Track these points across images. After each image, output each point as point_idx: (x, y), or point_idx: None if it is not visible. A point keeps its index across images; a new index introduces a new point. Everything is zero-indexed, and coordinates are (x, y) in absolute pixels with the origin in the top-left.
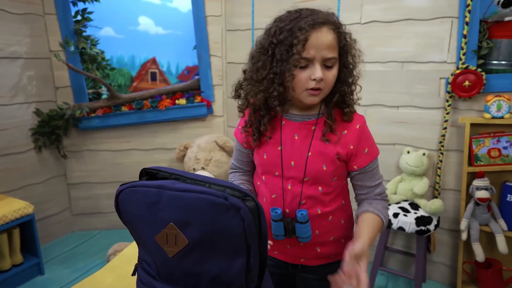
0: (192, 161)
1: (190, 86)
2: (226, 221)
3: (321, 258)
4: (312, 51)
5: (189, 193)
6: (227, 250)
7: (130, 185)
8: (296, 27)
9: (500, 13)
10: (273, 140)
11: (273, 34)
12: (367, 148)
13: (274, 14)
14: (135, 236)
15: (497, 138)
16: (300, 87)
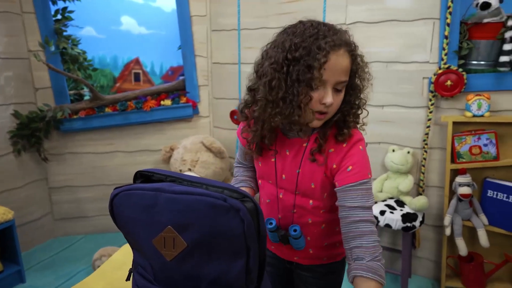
0: (179, 162)
1: (175, 87)
2: (225, 222)
3: (314, 259)
4: (328, 74)
5: (187, 196)
6: (226, 252)
7: (125, 188)
8: (314, 46)
9: (479, 15)
10: (268, 150)
11: (287, 49)
12: (352, 166)
13: (259, 14)
14: (131, 240)
15: (478, 136)
16: (310, 109)
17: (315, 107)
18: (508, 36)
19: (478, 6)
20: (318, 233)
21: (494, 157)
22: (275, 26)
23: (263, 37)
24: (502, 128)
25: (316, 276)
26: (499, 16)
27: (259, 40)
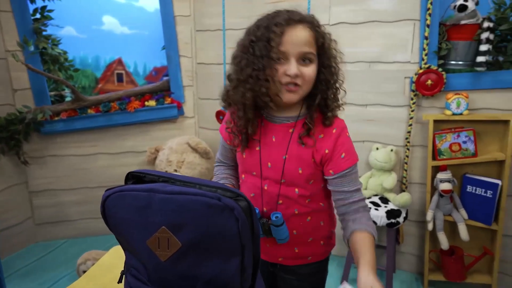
0: (164, 163)
1: (159, 87)
2: (220, 222)
3: (299, 259)
4: (288, 46)
5: (181, 196)
6: (221, 251)
7: (117, 189)
8: (272, 23)
9: (457, 17)
10: (253, 140)
11: (252, 32)
12: (344, 153)
13: (244, 14)
14: (123, 241)
15: (457, 133)
16: (278, 82)
17: (283, 79)
18: (484, 37)
19: (456, 8)
20: (303, 226)
21: (472, 153)
22: None
23: None
24: (480, 126)
25: (301, 278)
26: (475, 18)
27: None
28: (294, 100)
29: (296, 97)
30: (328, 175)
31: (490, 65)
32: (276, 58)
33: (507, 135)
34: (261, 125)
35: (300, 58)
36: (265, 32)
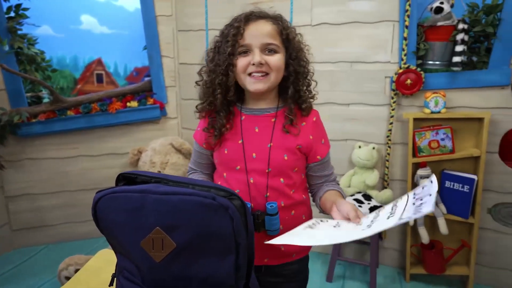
0: (148, 165)
1: (141, 88)
2: (214, 221)
3: (285, 257)
4: (249, 38)
5: (175, 196)
6: (216, 250)
7: (109, 191)
8: (235, 21)
9: (433, 19)
10: (234, 135)
11: (220, 33)
12: (323, 139)
13: (227, 14)
14: (115, 244)
15: (436, 131)
16: (242, 73)
17: (248, 69)
18: (459, 38)
19: (432, 10)
20: (288, 220)
21: (450, 150)
22: None
23: None
24: (457, 123)
25: (287, 279)
26: (450, 20)
27: None
28: (262, 88)
29: (264, 86)
30: (315, 161)
31: (465, 65)
32: (237, 53)
33: (482, 132)
34: (241, 119)
35: (264, 49)
36: (227, 29)
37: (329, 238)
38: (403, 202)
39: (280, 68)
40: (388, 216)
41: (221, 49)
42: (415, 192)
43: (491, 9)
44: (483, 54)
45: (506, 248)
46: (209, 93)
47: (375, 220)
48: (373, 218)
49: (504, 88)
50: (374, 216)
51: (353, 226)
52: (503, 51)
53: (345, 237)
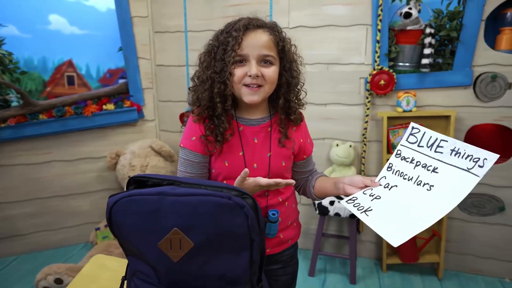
0: (127, 168)
1: (117, 90)
2: (230, 220)
3: (283, 243)
4: (247, 49)
5: (193, 197)
6: (231, 247)
7: (125, 194)
8: (233, 29)
9: (403, 23)
10: (233, 147)
11: (216, 38)
12: (309, 138)
13: (204, 16)
14: (129, 247)
15: None
16: (237, 83)
17: (244, 80)
18: (427, 41)
19: (402, 15)
20: (285, 212)
21: None
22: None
23: (209, 39)
24: (426, 121)
25: (284, 264)
26: (418, 24)
27: (204, 42)
28: (256, 100)
29: (259, 98)
30: (301, 160)
31: (432, 66)
32: (234, 62)
33: (449, 128)
34: (239, 130)
35: (260, 60)
36: (225, 37)
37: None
38: (412, 153)
39: (274, 81)
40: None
41: (217, 56)
42: (408, 140)
43: (454, 15)
44: (448, 56)
45: (471, 235)
46: (206, 100)
47: (417, 178)
48: (401, 177)
49: (467, 88)
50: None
51: (387, 191)
52: (465, 53)
53: (446, 204)
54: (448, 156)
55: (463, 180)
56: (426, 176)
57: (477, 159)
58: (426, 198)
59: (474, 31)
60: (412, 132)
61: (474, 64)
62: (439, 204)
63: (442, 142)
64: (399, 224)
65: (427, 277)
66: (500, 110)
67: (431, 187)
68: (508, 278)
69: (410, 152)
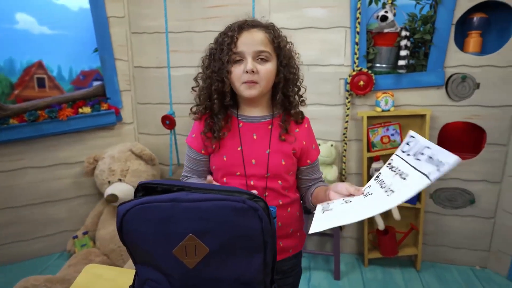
0: (106, 173)
1: (93, 93)
2: (245, 223)
3: (283, 252)
4: (242, 46)
5: (207, 202)
6: (245, 250)
7: (137, 202)
8: (229, 29)
9: (380, 26)
10: (232, 142)
11: (215, 40)
12: (314, 144)
13: (184, 17)
14: (140, 255)
15: (387, 127)
16: (237, 81)
17: (243, 77)
18: (403, 44)
19: (378, 18)
20: (286, 218)
21: (399, 144)
22: (201, 30)
23: (189, 40)
24: (403, 120)
25: (285, 275)
26: (394, 27)
27: (184, 43)
28: (253, 94)
29: (255, 92)
30: (305, 165)
31: (407, 67)
32: (232, 61)
33: (425, 127)
34: (239, 126)
35: (256, 57)
36: (222, 38)
37: (365, 211)
38: (400, 162)
39: (269, 78)
40: (403, 177)
41: (216, 57)
42: (402, 149)
43: (427, 19)
44: (422, 58)
45: (445, 227)
46: (205, 98)
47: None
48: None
49: (440, 88)
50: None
51: (363, 198)
52: (438, 55)
53: (382, 205)
54: (423, 163)
55: (416, 182)
56: (395, 183)
57: (441, 164)
58: (375, 201)
59: (445, 34)
60: (407, 141)
61: (446, 65)
62: (377, 203)
63: (425, 149)
64: (330, 216)
65: (406, 269)
66: (470, 108)
67: (392, 193)
68: (478, 266)
69: (398, 161)
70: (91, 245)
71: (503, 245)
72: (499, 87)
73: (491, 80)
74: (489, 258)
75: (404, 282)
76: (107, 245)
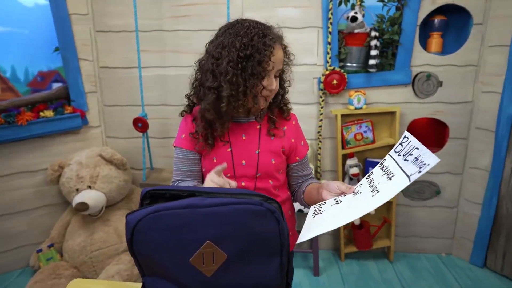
0: (74, 181)
1: (55, 95)
2: (262, 226)
3: None
4: (272, 65)
5: (224, 207)
6: (264, 254)
7: (150, 210)
8: (261, 43)
9: (350, 26)
10: (222, 143)
11: (239, 48)
12: (303, 141)
13: (153, 16)
14: (150, 266)
15: (360, 125)
16: (258, 94)
17: (264, 93)
18: (373, 44)
19: (349, 19)
20: None
21: (371, 141)
22: (171, 29)
23: (159, 40)
24: (375, 117)
25: None
26: (364, 28)
27: (154, 42)
28: (266, 106)
29: (267, 104)
30: (294, 162)
31: (377, 67)
32: (264, 77)
33: (395, 123)
34: (228, 127)
35: (275, 74)
36: (254, 52)
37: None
38: (390, 162)
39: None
40: (389, 177)
41: (248, 71)
42: (395, 150)
43: (394, 20)
44: (390, 57)
45: (414, 218)
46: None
47: (376, 185)
48: (368, 184)
49: (407, 86)
50: (366, 181)
51: (352, 196)
52: (405, 55)
53: (365, 207)
54: (409, 164)
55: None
56: (382, 183)
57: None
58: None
59: (411, 35)
60: (401, 142)
61: (412, 64)
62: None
63: (414, 150)
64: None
65: (380, 261)
66: (434, 105)
67: (377, 193)
68: (444, 252)
69: (389, 161)
70: (58, 259)
71: (465, 232)
72: (459, 84)
73: (452, 78)
74: (453, 245)
75: (379, 273)
76: (77, 257)
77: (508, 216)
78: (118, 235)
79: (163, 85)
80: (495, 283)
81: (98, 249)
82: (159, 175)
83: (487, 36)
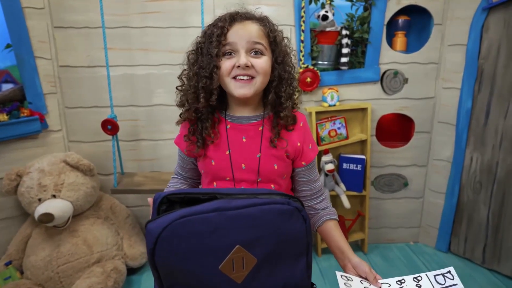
0: (35, 190)
1: (8, 97)
2: (290, 226)
3: None
4: (234, 38)
5: (253, 208)
6: (292, 254)
7: (176, 216)
8: (219, 20)
9: (322, 25)
10: (220, 145)
11: (203, 33)
12: (311, 144)
13: (119, 12)
14: (179, 276)
15: (333, 121)
16: (226, 76)
17: (232, 72)
18: (344, 42)
19: (320, 18)
20: None
21: (345, 137)
22: (139, 26)
23: (125, 37)
24: (348, 114)
25: None
26: (334, 27)
27: (120, 40)
28: (247, 93)
29: (250, 91)
30: (300, 167)
31: (348, 64)
32: (221, 54)
33: (366, 119)
34: (226, 127)
35: (250, 51)
36: (211, 30)
37: None
38: (427, 284)
39: (267, 72)
40: None
41: (204, 51)
42: (435, 276)
43: (363, 19)
44: (360, 55)
45: (384, 210)
46: (193, 98)
47: None
48: None
49: (376, 83)
50: (396, 285)
51: None
52: (374, 53)
53: None
54: None
55: None
56: None
57: None
58: None
59: (379, 33)
60: (444, 274)
61: (380, 62)
62: None
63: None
64: None
65: (355, 254)
66: (400, 101)
67: None
68: (412, 241)
69: (427, 283)
70: (18, 277)
71: (430, 220)
72: (422, 81)
73: (416, 75)
74: (420, 233)
75: None
76: (42, 273)
77: (468, 203)
78: (88, 246)
79: (131, 85)
80: (458, 265)
81: (65, 263)
82: (132, 179)
83: (446, 35)
